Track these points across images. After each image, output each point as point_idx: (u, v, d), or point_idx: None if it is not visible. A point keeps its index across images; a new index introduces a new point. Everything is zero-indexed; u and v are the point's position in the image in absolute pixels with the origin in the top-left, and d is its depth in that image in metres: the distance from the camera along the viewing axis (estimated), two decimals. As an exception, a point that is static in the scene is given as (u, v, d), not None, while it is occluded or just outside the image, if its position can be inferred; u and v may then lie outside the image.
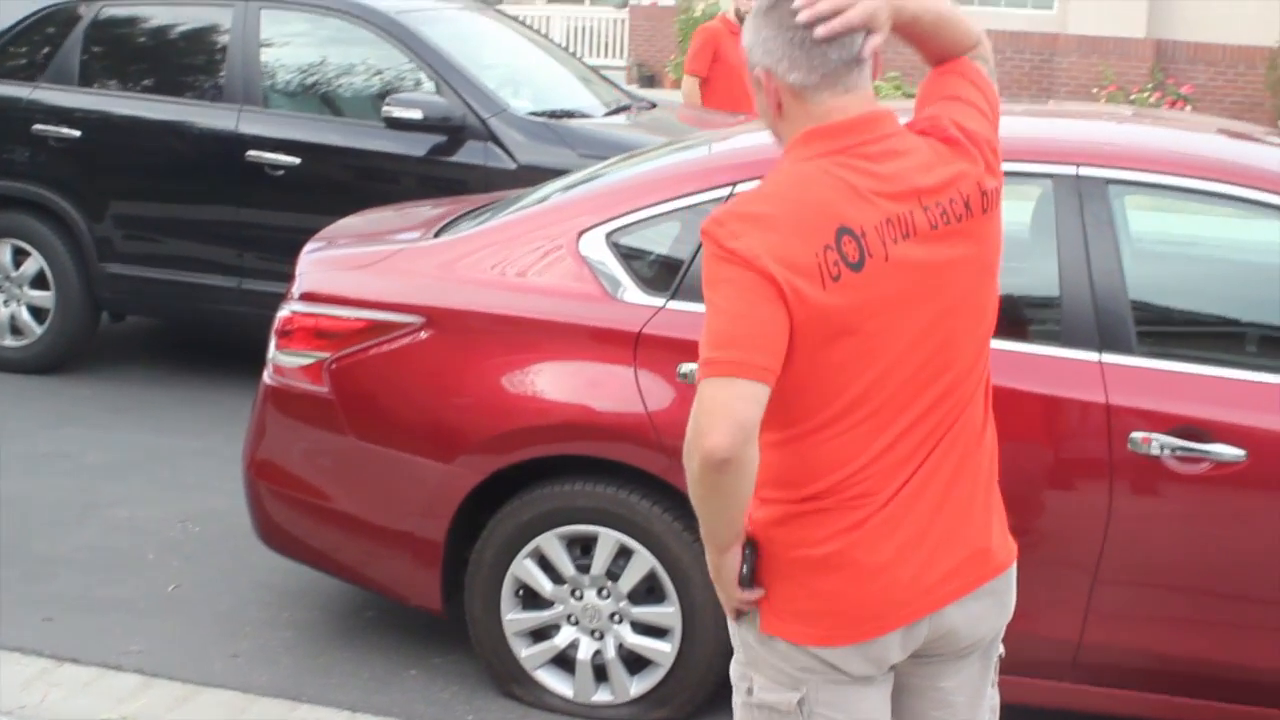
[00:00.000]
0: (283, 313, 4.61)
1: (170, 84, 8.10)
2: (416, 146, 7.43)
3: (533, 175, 6.78)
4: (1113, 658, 4.03)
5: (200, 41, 8.19)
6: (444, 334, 4.41)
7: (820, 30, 2.45)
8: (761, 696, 2.65)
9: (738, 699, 2.72)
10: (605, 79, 9.09)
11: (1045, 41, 20.46)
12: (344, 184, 7.60)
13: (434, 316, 4.42)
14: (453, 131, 7.37)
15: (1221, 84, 19.81)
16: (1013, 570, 2.74)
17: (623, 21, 24.84)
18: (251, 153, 7.58)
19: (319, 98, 7.97)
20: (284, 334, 4.58)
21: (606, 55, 25.03)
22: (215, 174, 7.74)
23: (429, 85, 7.54)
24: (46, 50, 8.31)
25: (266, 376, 4.66)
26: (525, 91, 7.95)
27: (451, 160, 7.39)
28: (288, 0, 7.92)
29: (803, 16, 2.45)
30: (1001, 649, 2.83)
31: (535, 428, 4.30)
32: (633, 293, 4.30)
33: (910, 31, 2.62)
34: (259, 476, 4.71)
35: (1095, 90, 19.62)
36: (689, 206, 4.32)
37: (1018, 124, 4.28)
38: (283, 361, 4.58)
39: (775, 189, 2.49)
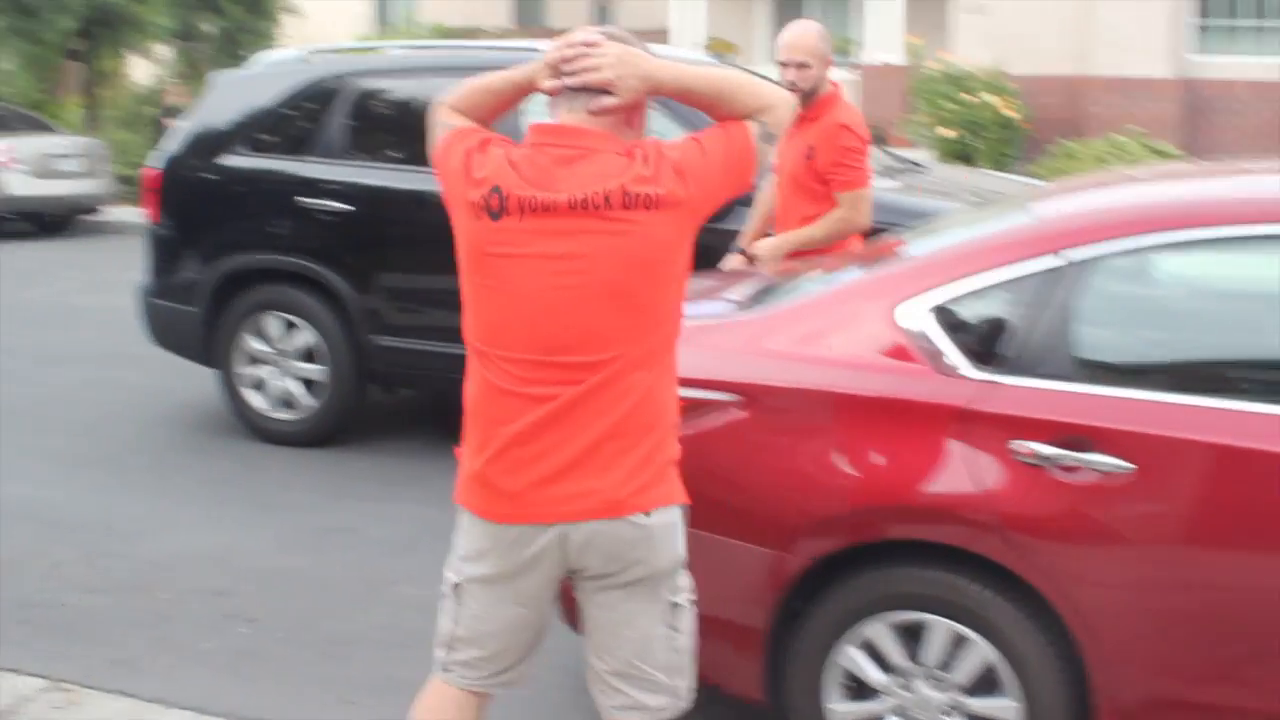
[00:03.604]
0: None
1: (395, 152, 8.15)
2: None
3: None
4: None
5: (419, 110, 8.22)
6: (761, 411, 4.26)
7: (571, 81, 3.31)
8: None
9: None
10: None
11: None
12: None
13: (749, 393, 4.27)
14: None
15: None
16: (654, 518, 3.36)
17: (852, 82, 24.63)
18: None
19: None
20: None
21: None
22: (441, 241, 7.70)
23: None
24: (308, 125, 8.42)
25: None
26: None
27: (716, 226, 7.25)
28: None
29: (565, 69, 3.32)
30: (679, 598, 3.50)
31: (860, 510, 4.12)
32: (959, 365, 4.10)
33: (686, 100, 3.38)
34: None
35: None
36: (1018, 276, 4.12)
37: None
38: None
39: (501, 145, 3.38)
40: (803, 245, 6.18)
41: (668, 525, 3.42)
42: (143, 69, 27.23)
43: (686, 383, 4.28)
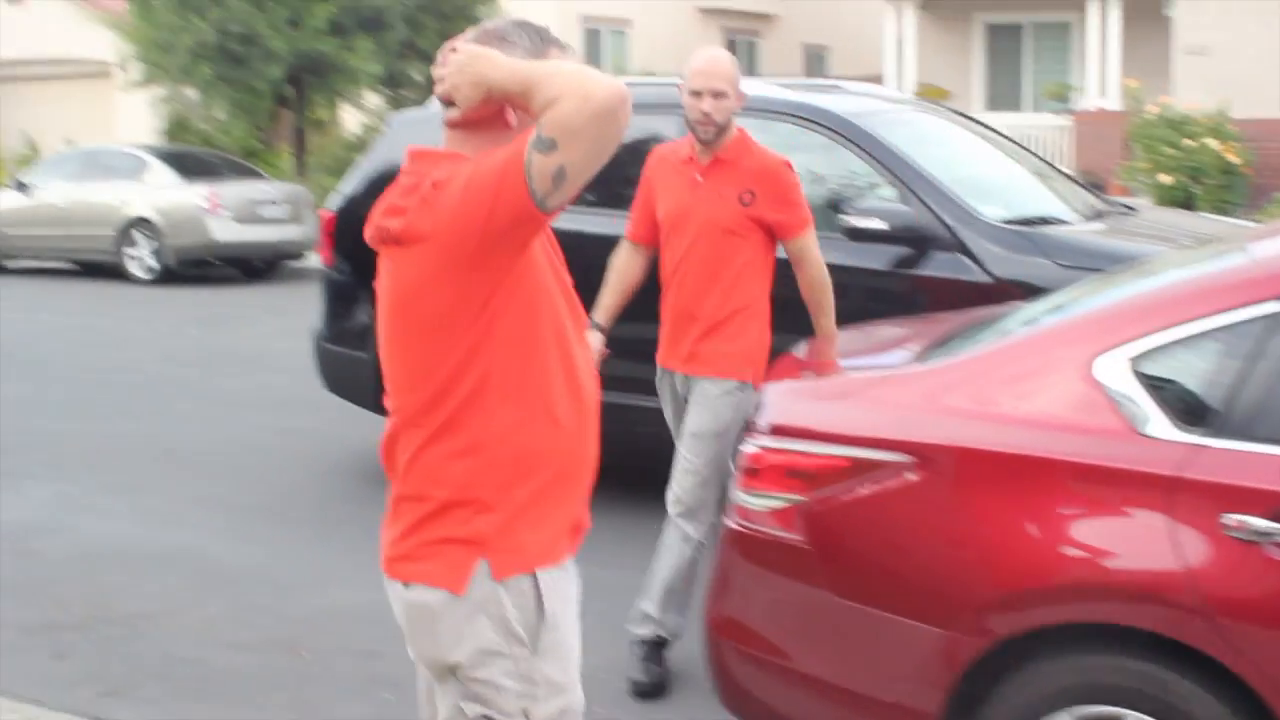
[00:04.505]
0: (749, 449, 4.08)
1: (612, 197, 7.79)
2: (877, 259, 6.87)
3: (1008, 290, 6.13)
4: None
5: (636, 151, 7.87)
6: (936, 475, 3.78)
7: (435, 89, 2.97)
8: None
9: None
10: (1081, 183, 8.35)
11: None
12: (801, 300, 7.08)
13: (924, 454, 3.79)
14: (918, 242, 6.78)
15: None
16: (411, 594, 2.96)
17: (1067, 129, 23.86)
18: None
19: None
20: (750, 473, 4.04)
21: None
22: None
23: (889, 193, 6.98)
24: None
25: (730, 520, 4.13)
26: (994, 198, 7.27)
27: (917, 274, 6.79)
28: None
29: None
30: (469, 709, 2.97)
31: (1047, 588, 3.61)
32: (1163, 428, 3.59)
33: (514, 104, 2.88)
34: (722, 634, 4.15)
35: None
36: (1232, 324, 3.61)
37: None
38: (749, 504, 4.04)
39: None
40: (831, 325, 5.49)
41: (424, 609, 2.96)
42: (353, 116, 27.57)
43: (852, 441, 3.89)
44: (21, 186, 21.66)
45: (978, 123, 8.84)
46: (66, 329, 15.38)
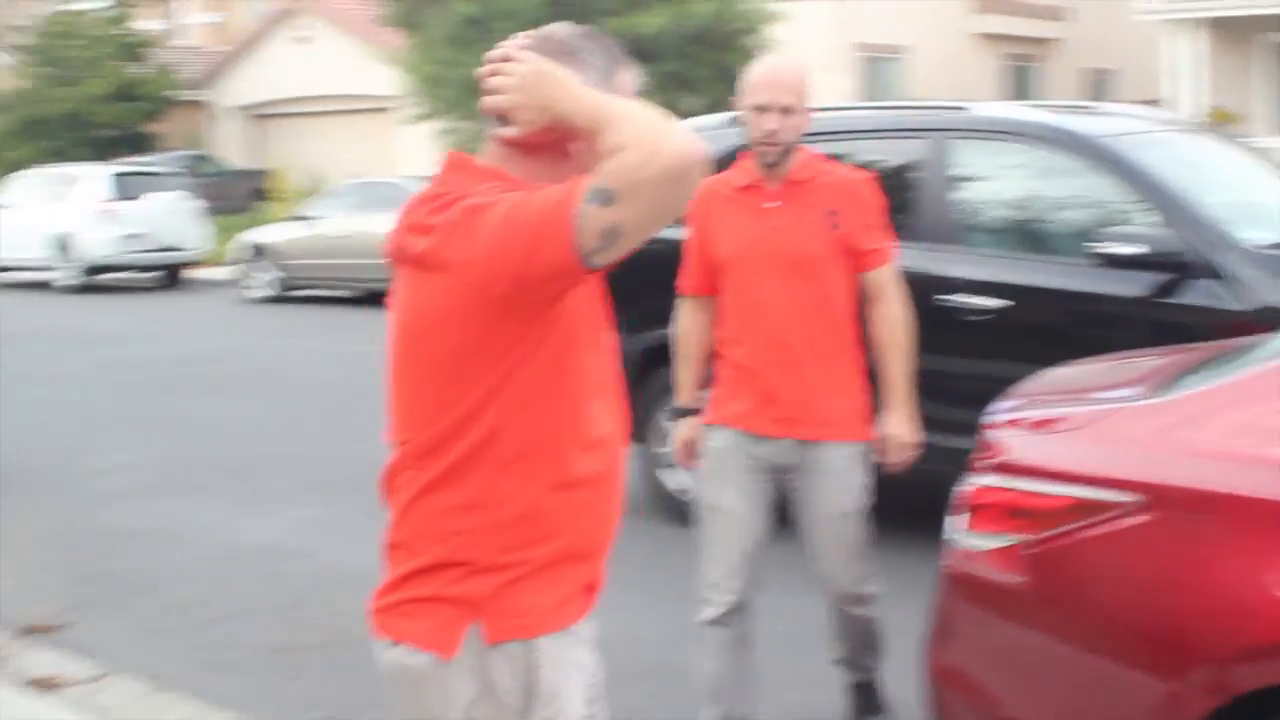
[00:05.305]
0: (971, 486, 3.88)
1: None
2: (1132, 286, 6.56)
3: (1273, 318, 5.79)
4: None
5: (885, 176, 7.70)
6: (1169, 517, 3.52)
7: (483, 100, 2.67)
8: None
9: None
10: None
11: None
12: (1049, 330, 6.84)
13: (1155, 495, 3.53)
14: (1176, 269, 6.46)
15: None
16: (391, 654, 2.73)
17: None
18: (942, 295, 6.96)
19: (1017, 234, 7.28)
20: (971, 510, 3.84)
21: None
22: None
23: (1146, 218, 6.68)
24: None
25: (950, 560, 3.94)
26: (1261, 222, 6.90)
27: (1174, 302, 6.48)
28: (983, 130, 7.30)
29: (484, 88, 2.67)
30: None
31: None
32: None
33: (576, 138, 2.60)
34: (944, 683, 3.95)
35: None
36: None
37: None
38: (969, 543, 3.84)
39: None
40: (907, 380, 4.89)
41: (408, 671, 2.70)
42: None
43: (1078, 479, 3.66)
44: (303, 218, 22.50)
45: (1252, 147, 8.44)
46: (341, 356, 15.78)
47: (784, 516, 4.88)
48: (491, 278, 2.49)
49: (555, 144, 2.64)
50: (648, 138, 2.41)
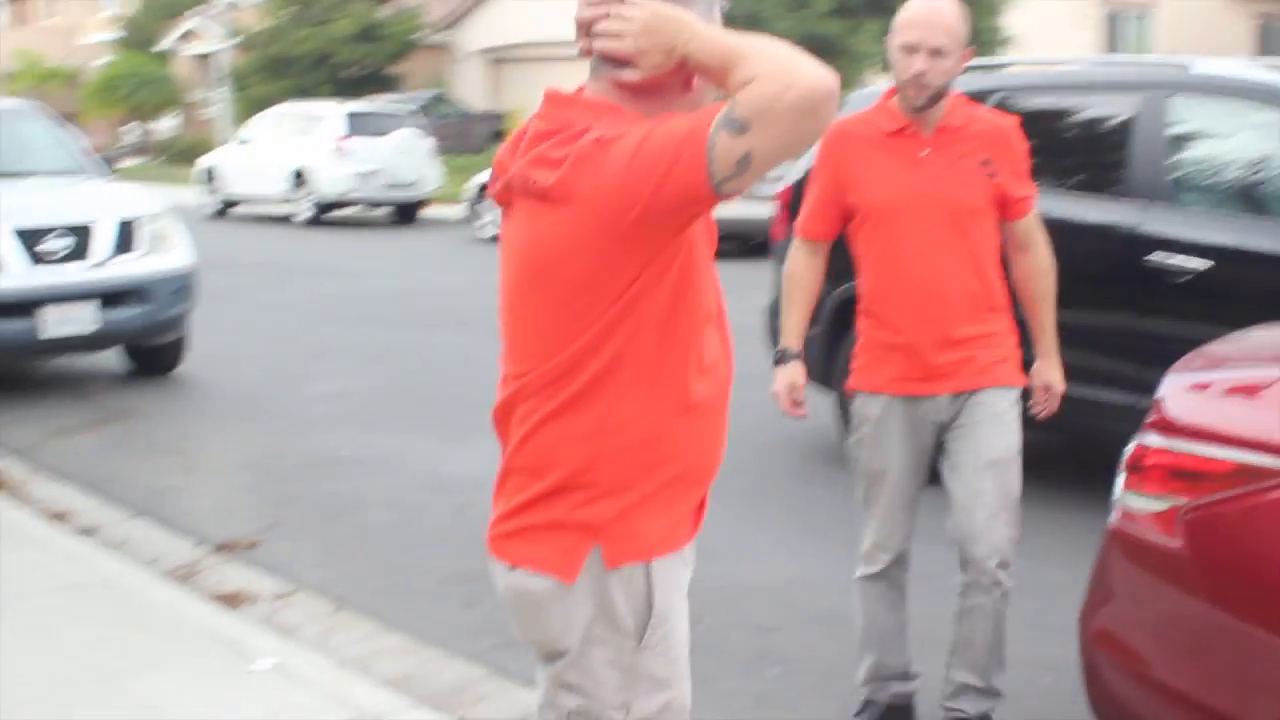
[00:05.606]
0: (1134, 445, 3.77)
1: (1062, 176, 7.45)
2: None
3: None
4: None
5: (1098, 131, 7.49)
6: (1338, 486, 3.39)
7: (596, 44, 2.70)
8: None
9: None
10: None
11: None
12: (1260, 293, 6.59)
13: (1325, 462, 3.41)
14: None
15: None
16: (515, 577, 2.79)
17: None
18: (1154, 255, 6.77)
19: (1235, 194, 7.01)
20: (1135, 470, 3.74)
21: None
22: (1112, 277, 7.01)
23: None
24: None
25: (1113, 519, 3.84)
26: None
27: None
28: (1206, 87, 7.06)
29: (596, 32, 2.71)
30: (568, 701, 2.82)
31: None
32: None
33: (708, 77, 2.61)
34: (1097, 644, 3.86)
35: None
36: None
37: None
38: (1131, 504, 3.74)
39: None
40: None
41: (529, 595, 2.77)
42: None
43: (1243, 444, 3.54)
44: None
45: None
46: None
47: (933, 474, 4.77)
48: (622, 207, 2.53)
49: (678, 82, 2.67)
50: (782, 69, 2.42)
